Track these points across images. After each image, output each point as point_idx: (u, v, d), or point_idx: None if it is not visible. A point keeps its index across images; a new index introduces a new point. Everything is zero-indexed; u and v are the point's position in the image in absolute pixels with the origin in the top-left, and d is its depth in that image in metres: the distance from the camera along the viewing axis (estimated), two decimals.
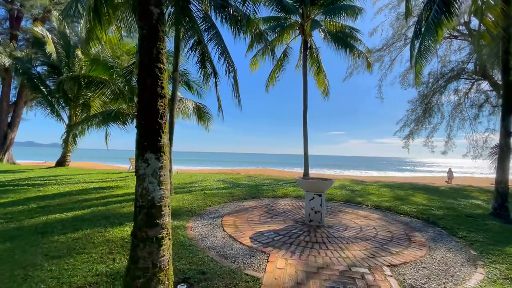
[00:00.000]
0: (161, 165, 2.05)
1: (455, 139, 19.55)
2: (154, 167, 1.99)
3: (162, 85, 2.13)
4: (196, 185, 9.55)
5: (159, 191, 2.00)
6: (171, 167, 7.18)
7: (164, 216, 2.02)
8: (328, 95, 15.82)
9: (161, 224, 1.98)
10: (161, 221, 1.98)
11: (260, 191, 8.46)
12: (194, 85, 12.88)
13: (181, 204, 6.03)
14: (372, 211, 6.18)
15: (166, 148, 2.17)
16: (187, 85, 12.83)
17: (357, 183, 12.28)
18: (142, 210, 1.95)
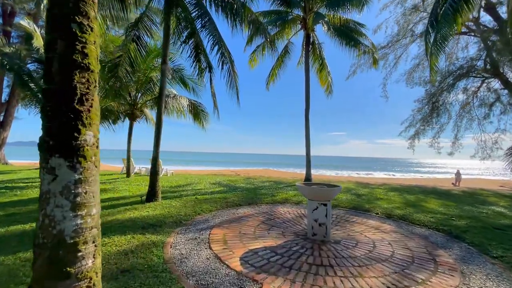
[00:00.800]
0: (78, 177, 1.33)
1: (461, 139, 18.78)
2: (64, 181, 1.28)
3: (85, 51, 1.41)
4: (189, 189, 8.85)
5: (72, 220, 1.28)
6: (157, 169, 6.49)
7: (83, 260, 1.30)
8: (331, 93, 15.09)
9: (77, 273, 1.26)
10: (76, 268, 1.26)
11: (258, 195, 7.74)
12: (190, 82, 12.16)
13: (166, 212, 5.32)
14: (383, 221, 5.44)
15: (91, 150, 1.42)
16: (182, 82, 12.13)
17: (362, 186, 11.53)
18: (42, 252, 1.23)
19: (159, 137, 6.48)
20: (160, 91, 6.55)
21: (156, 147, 6.47)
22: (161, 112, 6.48)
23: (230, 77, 6.78)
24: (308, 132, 12.57)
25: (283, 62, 14.81)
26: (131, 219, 4.73)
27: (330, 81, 14.81)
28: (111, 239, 3.61)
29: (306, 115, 12.67)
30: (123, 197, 7.10)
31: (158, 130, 6.47)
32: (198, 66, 8.25)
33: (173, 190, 8.52)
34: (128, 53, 7.95)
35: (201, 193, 7.93)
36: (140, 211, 5.36)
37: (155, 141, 6.49)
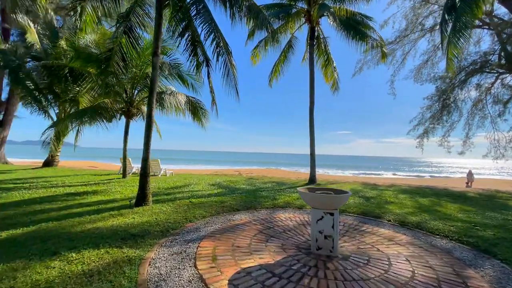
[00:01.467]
0: None
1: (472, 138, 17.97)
2: None
3: None
4: (185, 190, 8.34)
5: None
6: (147, 171, 5.98)
7: None
8: (337, 89, 14.43)
9: None
10: None
11: (258, 198, 7.18)
12: (188, 78, 11.66)
13: (154, 219, 4.79)
14: (397, 230, 4.83)
15: None
16: (180, 78, 11.62)
17: (370, 188, 10.88)
18: None
19: (149, 136, 5.97)
20: (151, 86, 6.03)
21: (146, 147, 5.96)
22: (151, 108, 5.96)
23: (227, 70, 6.22)
24: (313, 130, 11.96)
25: (286, 57, 14.21)
26: (112, 227, 4.21)
27: (336, 78, 14.16)
28: (81, 255, 3.09)
29: (311, 113, 12.05)
30: (112, 200, 6.62)
31: (148, 128, 5.96)
32: (196, 60, 7.74)
33: (168, 192, 8.02)
34: (120, 46, 7.46)
35: (197, 195, 7.40)
36: (126, 217, 4.85)
37: (145, 140, 5.98)
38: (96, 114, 9.07)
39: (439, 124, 18.20)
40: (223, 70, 6.22)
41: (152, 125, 6.01)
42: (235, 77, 6.29)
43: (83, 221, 4.57)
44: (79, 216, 4.89)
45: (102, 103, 9.15)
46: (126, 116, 10.86)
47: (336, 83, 14.34)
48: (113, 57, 7.57)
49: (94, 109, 8.93)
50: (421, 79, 19.13)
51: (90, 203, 6.15)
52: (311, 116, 12.00)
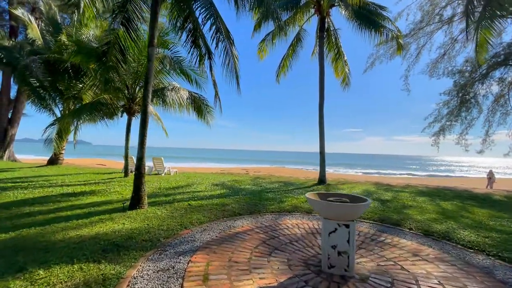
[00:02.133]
0: None
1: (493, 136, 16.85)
2: None
3: None
4: (186, 191, 7.88)
5: None
6: (141, 171, 5.52)
7: None
8: (348, 85, 13.69)
9: None
10: None
11: (263, 201, 6.64)
12: (192, 73, 11.19)
13: (145, 225, 4.32)
14: (421, 240, 4.19)
15: None
16: (184, 73, 11.17)
17: (384, 189, 10.17)
18: None
19: (144, 134, 5.50)
20: (145, 78, 5.56)
21: (141, 145, 5.50)
22: (146, 104, 5.49)
23: (227, 58, 5.68)
24: (323, 127, 11.30)
25: (295, 51, 13.53)
26: (97, 235, 3.76)
27: (347, 72, 13.42)
28: (49, 272, 2.63)
29: (320, 109, 11.38)
30: (107, 201, 6.21)
31: (143, 125, 5.49)
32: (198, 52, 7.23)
33: (168, 192, 7.58)
34: (117, 39, 7.04)
35: (198, 197, 6.92)
36: (116, 222, 4.40)
37: (140, 138, 5.52)
38: (95, 110, 8.71)
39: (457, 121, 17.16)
40: (223, 58, 5.70)
41: (148, 122, 5.55)
42: (236, 67, 5.75)
43: (68, 227, 4.14)
44: (66, 221, 4.47)
45: (101, 99, 8.79)
46: (128, 113, 10.50)
47: (346, 78, 13.60)
48: (111, 50, 7.16)
49: (93, 106, 8.56)
50: (437, 73, 18.08)
51: (82, 205, 5.76)
52: (320, 113, 11.34)
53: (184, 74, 11.27)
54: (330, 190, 9.32)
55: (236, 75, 5.80)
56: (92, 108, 8.59)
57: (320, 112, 11.31)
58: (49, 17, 12.43)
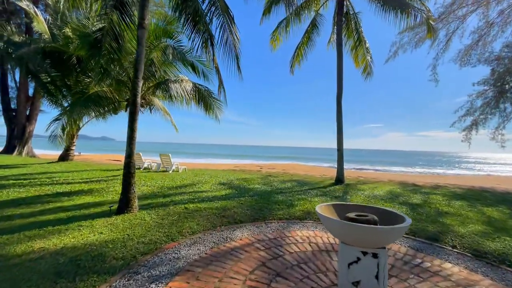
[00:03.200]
0: None
1: None
2: None
3: None
4: (188, 191, 7.22)
5: None
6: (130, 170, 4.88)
7: None
8: (370, 74, 12.46)
9: None
10: None
11: (271, 204, 5.82)
12: (199, 65, 10.50)
13: (125, 235, 3.65)
14: (472, 265, 3.20)
15: None
16: (190, 65, 10.49)
17: (410, 190, 9.01)
18: None
19: (133, 128, 4.85)
20: (135, 65, 4.88)
21: (130, 140, 4.85)
22: (135, 94, 4.82)
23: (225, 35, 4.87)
24: (341, 121, 10.24)
25: (310, 38, 12.43)
26: (62, 249, 3.14)
27: (369, 60, 12.19)
28: None
29: (338, 101, 10.31)
30: (99, 203, 5.66)
31: (132, 118, 4.83)
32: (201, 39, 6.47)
33: (168, 193, 6.95)
34: (112, 25, 6.43)
35: (198, 199, 6.22)
36: (93, 231, 3.78)
37: (128, 133, 4.87)
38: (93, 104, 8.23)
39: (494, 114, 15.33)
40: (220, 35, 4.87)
41: (137, 114, 4.88)
42: (235, 47, 4.92)
43: (37, 236, 3.56)
44: (40, 228, 3.91)
45: (100, 93, 8.31)
46: None
47: (368, 67, 12.37)
48: (105, 38, 6.58)
49: (89, 100, 8.08)
50: (469, 62, 16.22)
51: (70, 207, 5.23)
52: (338, 106, 10.27)
53: (191, 66, 10.60)
54: (349, 191, 8.33)
55: (236, 56, 4.99)
56: (88, 102, 8.11)
57: (338, 104, 10.25)
58: (56, 10, 12.19)
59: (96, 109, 8.47)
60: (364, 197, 7.29)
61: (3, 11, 17.19)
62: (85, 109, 8.09)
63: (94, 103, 8.23)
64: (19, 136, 18.60)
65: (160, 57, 8.95)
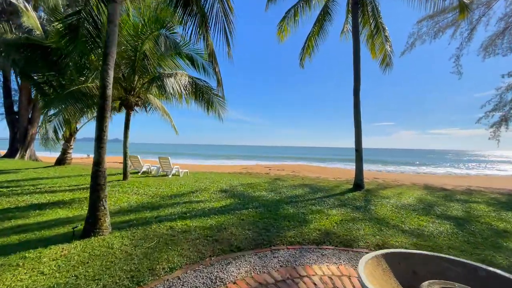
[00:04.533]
0: None
1: None
2: None
3: None
4: (181, 201, 6.17)
5: None
6: (99, 181, 3.86)
7: None
8: (389, 65, 11.13)
9: None
10: None
11: (278, 220, 4.69)
12: (198, 58, 9.49)
13: (67, 281, 2.61)
14: None
15: None
16: (189, 59, 9.50)
17: (442, 196, 7.70)
18: None
19: (102, 127, 3.82)
20: (105, 49, 3.86)
21: (98, 143, 3.84)
22: (105, 85, 3.79)
23: None
24: (359, 115, 8.99)
25: (322, 27, 11.20)
26: None
27: (389, 50, 10.86)
28: None
29: (356, 95, 9.07)
30: (71, 219, 4.67)
31: (101, 116, 3.81)
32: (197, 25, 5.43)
33: (158, 204, 5.92)
34: (88, 7, 5.48)
35: (191, 213, 5.15)
36: (33, 269, 2.77)
37: (97, 133, 3.85)
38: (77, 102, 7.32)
39: None
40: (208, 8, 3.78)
41: (108, 110, 3.86)
42: (226, 20, 3.82)
43: None
44: None
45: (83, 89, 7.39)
46: (125, 107, 9.10)
47: (387, 58, 11.04)
48: (82, 23, 5.63)
49: (69, 96, 7.17)
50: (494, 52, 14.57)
51: (30, 226, 4.26)
52: (356, 99, 9.02)
53: (189, 59, 9.62)
54: (371, 199, 7.09)
55: (225, 31, 3.91)
56: (68, 99, 7.20)
57: (356, 96, 9.01)
58: (49, 6, 11.46)
59: (78, 107, 7.55)
60: (391, 207, 6.06)
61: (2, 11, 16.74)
62: (66, 108, 7.16)
63: (76, 100, 7.32)
64: (21, 140, 18.16)
65: (153, 49, 7.98)
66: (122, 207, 5.54)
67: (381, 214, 5.45)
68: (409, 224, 4.76)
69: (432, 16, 13.65)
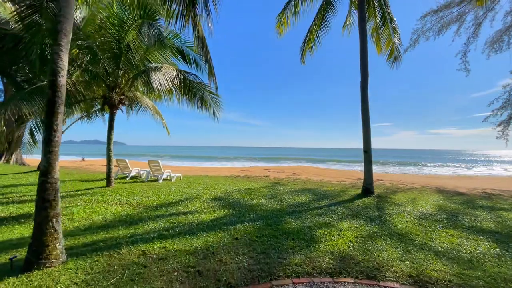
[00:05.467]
0: None
1: None
2: None
3: None
4: (166, 213, 5.28)
5: None
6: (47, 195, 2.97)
7: None
8: (398, 59, 10.31)
9: None
10: None
11: (280, 239, 3.83)
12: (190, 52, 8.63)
13: None
14: None
15: None
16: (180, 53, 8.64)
17: (462, 203, 6.87)
18: None
19: (52, 126, 2.95)
20: (55, 24, 2.99)
21: (47, 147, 2.97)
22: (56, 71, 2.92)
23: None
24: (367, 113, 8.16)
25: (324, 19, 10.38)
26: None
27: (397, 43, 10.07)
28: None
29: (363, 88, 8.24)
30: (25, 240, 3.79)
31: (51, 111, 2.94)
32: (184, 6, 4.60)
33: (138, 216, 5.03)
34: None
35: (174, 229, 4.27)
36: None
37: (45, 135, 2.99)
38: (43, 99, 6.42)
39: None
40: None
41: (59, 104, 2.99)
42: None
43: None
44: None
45: None
46: (109, 106, 8.22)
47: (395, 51, 10.24)
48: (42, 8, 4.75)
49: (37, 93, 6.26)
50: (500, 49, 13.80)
51: None
52: (363, 94, 8.19)
53: (180, 53, 8.77)
54: (384, 206, 6.24)
55: None
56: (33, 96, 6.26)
57: (363, 92, 8.18)
58: None
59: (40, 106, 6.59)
60: (410, 218, 5.21)
61: None
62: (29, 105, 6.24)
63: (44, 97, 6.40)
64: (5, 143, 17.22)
65: (136, 40, 7.11)
66: (95, 222, 4.65)
67: (401, 228, 4.59)
68: (439, 242, 3.91)
69: (436, 11, 12.92)
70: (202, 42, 4.75)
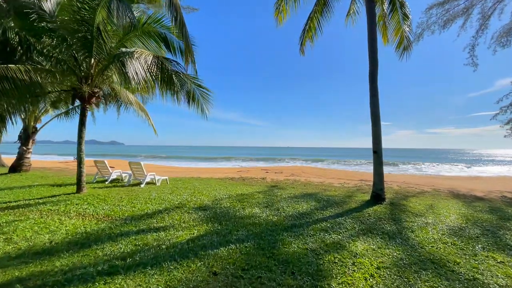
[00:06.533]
0: None
1: None
2: None
3: None
4: (135, 229, 4.20)
5: None
6: None
7: None
8: (408, 49, 9.26)
9: None
10: None
11: (275, 274, 2.76)
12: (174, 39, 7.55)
13: None
14: None
15: None
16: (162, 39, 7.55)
17: (485, 208, 5.86)
18: None
19: None
20: None
21: None
22: None
23: None
24: (377, 108, 7.12)
25: (326, 4, 9.33)
26: None
27: (407, 31, 9.06)
28: None
29: (372, 80, 7.20)
30: None
31: None
32: None
33: (95, 236, 3.95)
34: None
35: (132, 260, 3.19)
36: None
37: None
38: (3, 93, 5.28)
39: None
40: None
41: None
42: None
43: None
44: None
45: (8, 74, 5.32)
46: (80, 99, 7.12)
47: (404, 40, 9.21)
48: None
49: None
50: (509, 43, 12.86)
51: None
52: (372, 87, 7.15)
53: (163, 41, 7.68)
54: (401, 217, 5.21)
55: None
56: None
57: (372, 84, 7.14)
58: None
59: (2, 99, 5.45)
60: (437, 235, 4.18)
61: None
62: None
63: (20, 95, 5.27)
64: None
65: (106, 19, 6.01)
66: (35, 245, 3.58)
67: (433, 251, 3.56)
68: (491, 275, 2.88)
69: (442, 3, 12.00)
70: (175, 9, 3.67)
